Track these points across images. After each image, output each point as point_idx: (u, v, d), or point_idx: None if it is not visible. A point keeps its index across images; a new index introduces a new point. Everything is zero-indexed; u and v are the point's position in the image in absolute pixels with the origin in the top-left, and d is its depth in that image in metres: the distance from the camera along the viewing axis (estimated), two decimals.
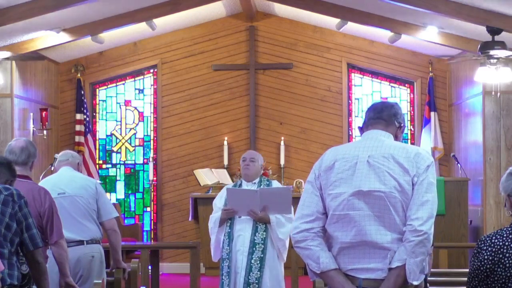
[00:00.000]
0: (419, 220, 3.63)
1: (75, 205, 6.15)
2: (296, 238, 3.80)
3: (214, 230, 6.98)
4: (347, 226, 3.72)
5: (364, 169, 3.73)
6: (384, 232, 3.68)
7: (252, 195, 6.78)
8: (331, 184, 3.78)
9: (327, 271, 3.73)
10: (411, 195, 3.69)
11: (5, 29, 9.18)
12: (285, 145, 12.32)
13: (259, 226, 6.84)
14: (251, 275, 6.77)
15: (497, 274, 3.70)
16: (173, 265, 12.22)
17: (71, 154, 6.52)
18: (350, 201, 3.72)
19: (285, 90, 12.48)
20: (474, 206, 10.70)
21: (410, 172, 3.70)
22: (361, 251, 3.71)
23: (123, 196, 12.70)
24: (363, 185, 3.71)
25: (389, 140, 3.86)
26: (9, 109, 10.45)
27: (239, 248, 6.83)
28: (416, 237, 3.62)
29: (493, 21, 8.92)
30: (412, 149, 3.78)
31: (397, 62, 12.44)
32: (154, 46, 12.54)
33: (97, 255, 6.23)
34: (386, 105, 3.99)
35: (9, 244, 4.23)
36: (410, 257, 3.62)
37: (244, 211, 6.82)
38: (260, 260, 6.80)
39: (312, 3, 10.67)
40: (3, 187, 4.32)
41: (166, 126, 12.56)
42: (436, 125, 12.05)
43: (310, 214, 3.80)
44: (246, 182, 7.07)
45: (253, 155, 7.11)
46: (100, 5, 9.59)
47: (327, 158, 3.85)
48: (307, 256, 3.78)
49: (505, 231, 3.78)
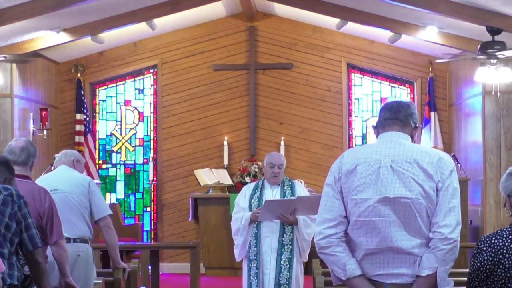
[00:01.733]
0: (448, 227, 3.65)
1: (66, 202, 6.05)
2: (321, 244, 3.78)
3: (244, 232, 6.94)
4: (371, 233, 3.71)
5: (388, 175, 3.71)
6: (409, 238, 3.67)
7: (289, 204, 6.81)
8: (354, 189, 3.74)
9: (353, 278, 3.72)
10: (435, 201, 3.68)
11: (5, 29, 9.18)
12: (285, 145, 12.32)
13: (286, 227, 6.89)
14: (281, 276, 6.85)
15: (497, 275, 3.69)
16: (173, 265, 12.22)
17: (65, 153, 6.47)
18: (376, 208, 3.70)
19: (285, 90, 12.48)
20: (474, 206, 10.70)
21: (434, 178, 3.69)
22: (386, 256, 3.70)
23: (123, 196, 12.70)
24: (389, 191, 3.69)
25: (410, 143, 3.83)
26: (9, 109, 10.45)
27: (266, 250, 6.88)
28: (446, 245, 3.64)
29: (493, 21, 8.92)
30: (434, 154, 3.76)
31: (397, 62, 12.44)
32: (154, 46, 12.54)
33: (83, 254, 6.10)
34: (402, 105, 3.95)
35: (8, 244, 4.23)
36: (441, 265, 3.64)
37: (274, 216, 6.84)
38: (289, 260, 6.87)
39: (312, 3, 10.67)
40: (3, 187, 4.32)
41: (166, 126, 12.56)
42: (436, 125, 12.05)
43: (333, 218, 3.78)
44: (270, 185, 7.08)
45: (281, 162, 7.05)
46: (100, 5, 9.58)
47: (347, 161, 3.81)
48: (332, 262, 3.77)
49: (505, 231, 3.77)
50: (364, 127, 12.57)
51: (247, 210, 7.01)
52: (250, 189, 7.15)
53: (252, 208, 6.98)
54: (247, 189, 7.17)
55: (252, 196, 7.07)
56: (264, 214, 6.83)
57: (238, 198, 7.15)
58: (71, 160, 6.40)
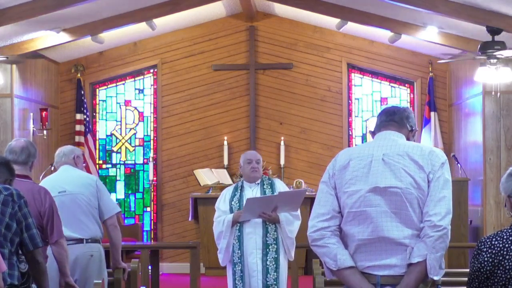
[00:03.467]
0: (438, 215, 3.69)
1: (76, 203, 6.09)
2: (313, 236, 3.83)
3: (227, 234, 6.79)
4: (363, 223, 3.75)
5: (379, 167, 3.77)
6: (401, 228, 3.71)
7: (271, 200, 6.70)
8: (346, 183, 3.81)
9: (344, 269, 3.76)
10: (426, 192, 3.73)
11: (5, 29, 9.18)
12: (285, 145, 12.32)
13: (269, 226, 6.76)
14: (269, 277, 6.70)
15: (497, 276, 3.70)
16: (173, 265, 12.22)
17: (63, 153, 6.41)
18: (367, 198, 3.75)
19: (285, 90, 12.48)
20: (474, 206, 10.70)
21: (425, 169, 3.75)
22: (378, 247, 3.74)
23: (123, 196, 12.70)
24: (379, 181, 3.75)
25: (403, 140, 3.90)
26: (9, 109, 10.45)
27: (252, 251, 6.73)
28: (436, 232, 3.67)
29: (493, 21, 8.92)
30: (426, 148, 3.84)
31: (397, 62, 12.44)
32: (154, 46, 12.54)
33: (96, 254, 6.16)
34: (399, 108, 4.06)
35: (9, 244, 4.24)
36: (431, 253, 3.67)
37: (255, 214, 6.72)
38: (275, 260, 6.73)
39: (312, 3, 10.67)
40: (3, 187, 4.32)
41: (166, 126, 12.56)
42: (436, 125, 12.05)
43: (326, 212, 3.83)
44: (249, 183, 6.96)
45: (258, 157, 6.99)
46: (100, 5, 9.58)
47: (341, 158, 3.89)
48: (324, 253, 3.81)
49: (505, 232, 3.77)
50: (364, 127, 12.57)
51: (228, 213, 6.86)
52: (229, 192, 7.00)
53: (233, 210, 6.83)
54: (226, 192, 7.01)
55: (232, 198, 6.92)
56: (246, 213, 6.69)
57: (218, 202, 6.99)
58: (72, 158, 6.39)
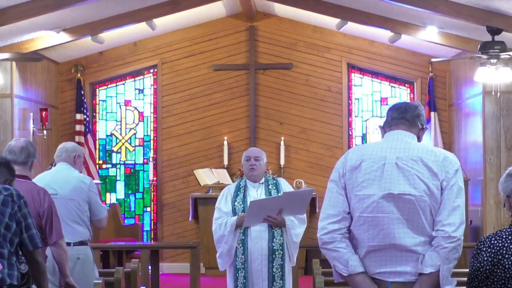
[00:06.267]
0: (452, 226, 3.66)
1: (65, 208, 6.03)
2: (324, 239, 3.79)
3: (229, 239, 6.34)
4: (374, 229, 3.72)
5: (393, 171, 3.72)
6: (412, 235, 3.69)
7: (276, 202, 6.27)
8: (358, 185, 3.76)
9: (355, 275, 3.73)
10: (439, 200, 3.70)
11: (5, 29, 9.18)
12: (285, 145, 12.32)
13: (275, 231, 6.36)
14: (275, 285, 6.33)
15: (496, 275, 3.69)
16: (173, 265, 12.22)
17: (66, 149, 6.31)
18: (379, 204, 3.71)
19: (285, 90, 12.48)
20: (474, 206, 10.70)
21: (439, 176, 3.70)
22: (389, 254, 3.71)
23: (123, 196, 12.70)
24: (393, 187, 3.70)
25: (416, 142, 3.85)
26: (9, 109, 10.45)
27: (257, 257, 6.33)
28: (450, 243, 3.65)
29: (493, 21, 8.93)
30: (440, 153, 3.78)
31: (397, 62, 12.44)
32: (154, 46, 12.54)
33: (83, 256, 6.14)
34: (410, 105, 3.96)
35: (8, 244, 4.23)
36: (444, 263, 3.65)
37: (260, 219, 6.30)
38: (281, 267, 6.36)
39: (312, 3, 10.67)
40: (3, 187, 4.32)
41: (166, 126, 12.55)
42: (436, 125, 12.05)
43: (336, 214, 3.79)
44: (252, 182, 6.51)
45: (257, 153, 6.51)
46: (100, 5, 9.59)
47: (352, 158, 3.82)
48: (335, 258, 3.77)
49: (505, 232, 3.77)
50: (364, 127, 12.57)
51: (230, 215, 6.41)
52: (231, 191, 6.51)
53: (237, 212, 6.38)
54: (227, 191, 6.53)
55: (235, 198, 6.46)
56: (250, 217, 6.26)
57: (218, 201, 6.49)
58: (72, 157, 6.31)
